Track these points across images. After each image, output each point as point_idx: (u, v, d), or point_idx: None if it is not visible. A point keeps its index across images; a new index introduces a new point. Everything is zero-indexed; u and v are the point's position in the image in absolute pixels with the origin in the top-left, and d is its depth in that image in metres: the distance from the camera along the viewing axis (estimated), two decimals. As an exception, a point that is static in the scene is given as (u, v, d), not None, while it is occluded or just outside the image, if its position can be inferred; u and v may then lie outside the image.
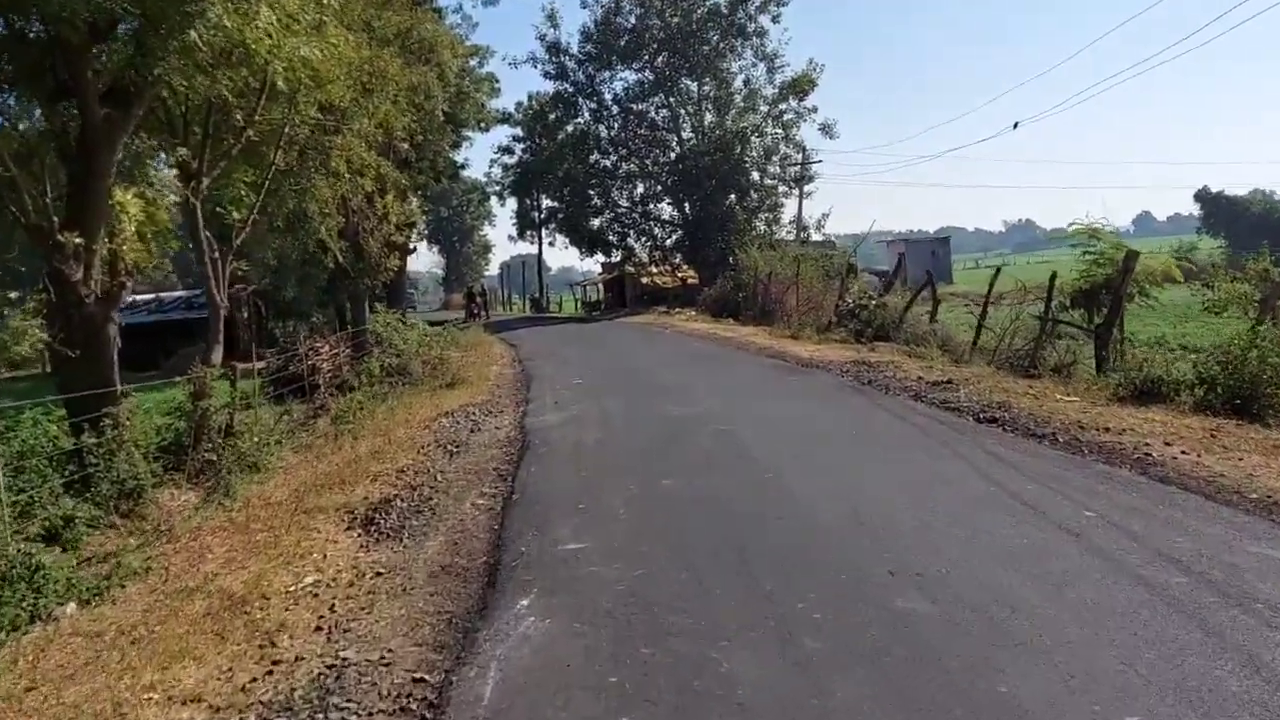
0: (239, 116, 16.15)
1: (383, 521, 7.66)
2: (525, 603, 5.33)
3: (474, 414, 13.58)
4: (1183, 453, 7.76)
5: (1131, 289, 15.94)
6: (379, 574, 6.28)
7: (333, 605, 5.76)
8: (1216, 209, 56.56)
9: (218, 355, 16.34)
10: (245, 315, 43.89)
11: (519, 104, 60.14)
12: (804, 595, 4.95)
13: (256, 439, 11.91)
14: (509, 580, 5.77)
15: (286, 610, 5.79)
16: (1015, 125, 23.60)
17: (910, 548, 5.61)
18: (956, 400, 11.33)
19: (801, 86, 44.36)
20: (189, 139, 16.70)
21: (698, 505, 7.10)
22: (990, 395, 11.47)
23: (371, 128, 22.34)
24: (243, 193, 18.24)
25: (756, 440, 9.48)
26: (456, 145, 42.71)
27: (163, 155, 17.99)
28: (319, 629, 5.39)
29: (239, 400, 20.26)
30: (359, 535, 7.41)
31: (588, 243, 49.23)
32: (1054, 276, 17.04)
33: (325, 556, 6.88)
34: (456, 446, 10.90)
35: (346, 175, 22.72)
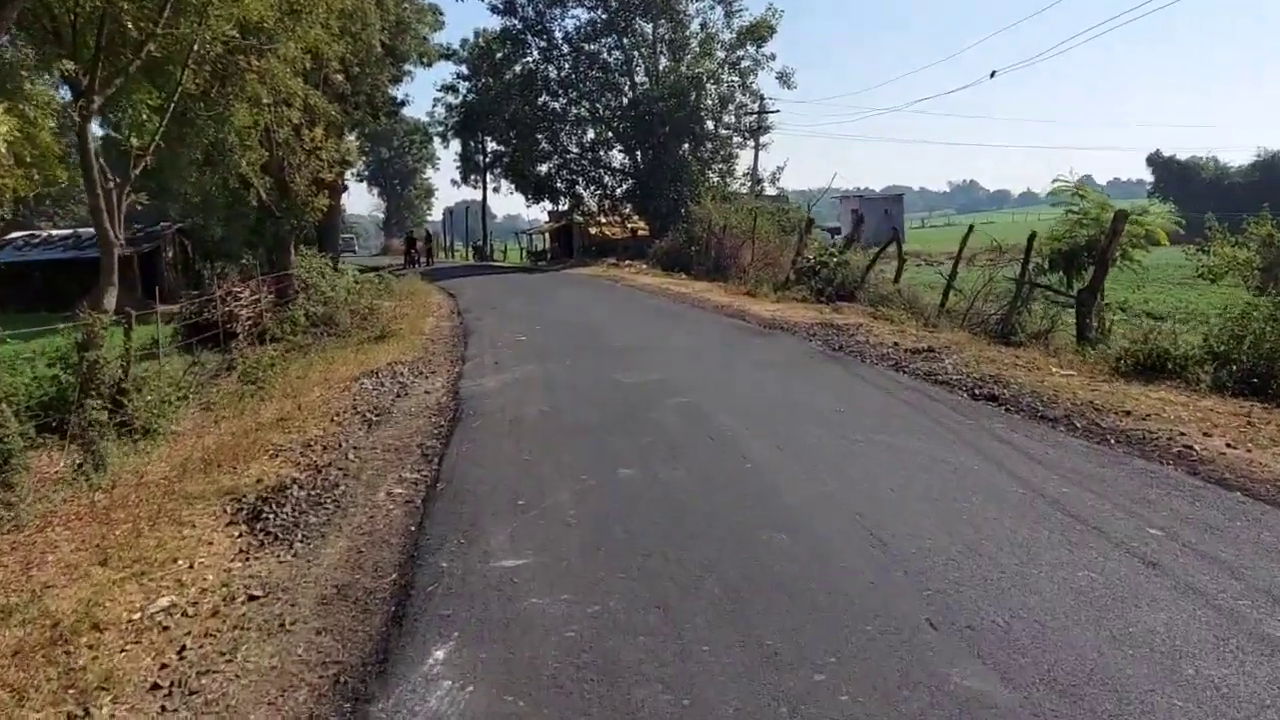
0: (134, 28, 14.17)
1: (273, 516, 6.17)
2: (441, 655, 3.95)
3: (402, 374, 12.06)
4: (1229, 446, 6.63)
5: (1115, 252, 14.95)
6: (254, 597, 4.83)
7: (184, 646, 4.31)
8: (1168, 174, 56.55)
9: (111, 299, 14.50)
10: (170, 255, 41.33)
11: (464, 41, 57.46)
12: (822, 660, 3.65)
13: (150, 397, 10.21)
14: (423, 616, 4.37)
15: (122, 651, 4.32)
16: (992, 74, 22.40)
17: (951, 582, 4.33)
18: (944, 372, 10.15)
19: (760, 32, 42.71)
20: (79, 52, 14.65)
21: (665, 508, 5.76)
22: (979, 367, 10.31)
23: (299, 53, 20.31)
24: (144, 117, 16.22)
25: (728, 418, 8.17)
26: (396, 80, 40.27)
27: (49, 73, 15.92)
28: (155, 687, 3.94)
29: (146, 351, 18.40)
30: (240, 535, 5.92)
31: (534, 189, 47.20)
32: (1033, 237, 15.98)
33: (192, 566, 5.40)
34: (377, 415, 9.40)
35: (270, 104, 20.67)
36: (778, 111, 45.21)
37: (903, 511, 5.44)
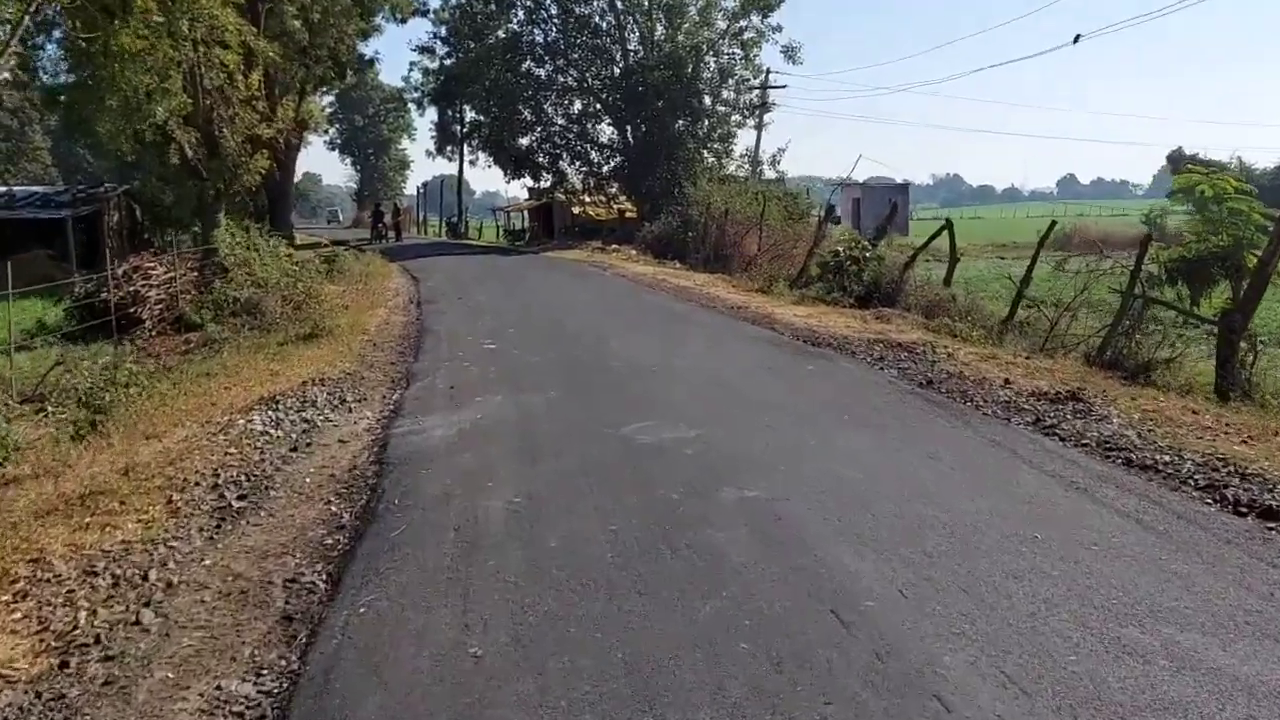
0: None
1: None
2: None
3: (317, 401, 8.45)
4: None
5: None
6: None
7: None
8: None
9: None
10: (115, 220, 37.06)
11: (444, 1, 53.27)
12: None
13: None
14: None
15: None
16: (1076, 39, 18.91)
17: None
18: (1126, 443, 6.67)
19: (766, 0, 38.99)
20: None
21: None
22: (1181, 436, 6.86)
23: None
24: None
25: (852, 555, 4.56)
26: (365, 35, 36.30)
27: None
28: None
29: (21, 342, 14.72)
30: None
31: (514, 163, 43.21)
32: (1148, 239, 12.62)
33: None
34: (246, 493, 5.81)
35: (192, 39, 16.83)
36: (784, 87, 41.53)
37: None
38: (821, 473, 5.95)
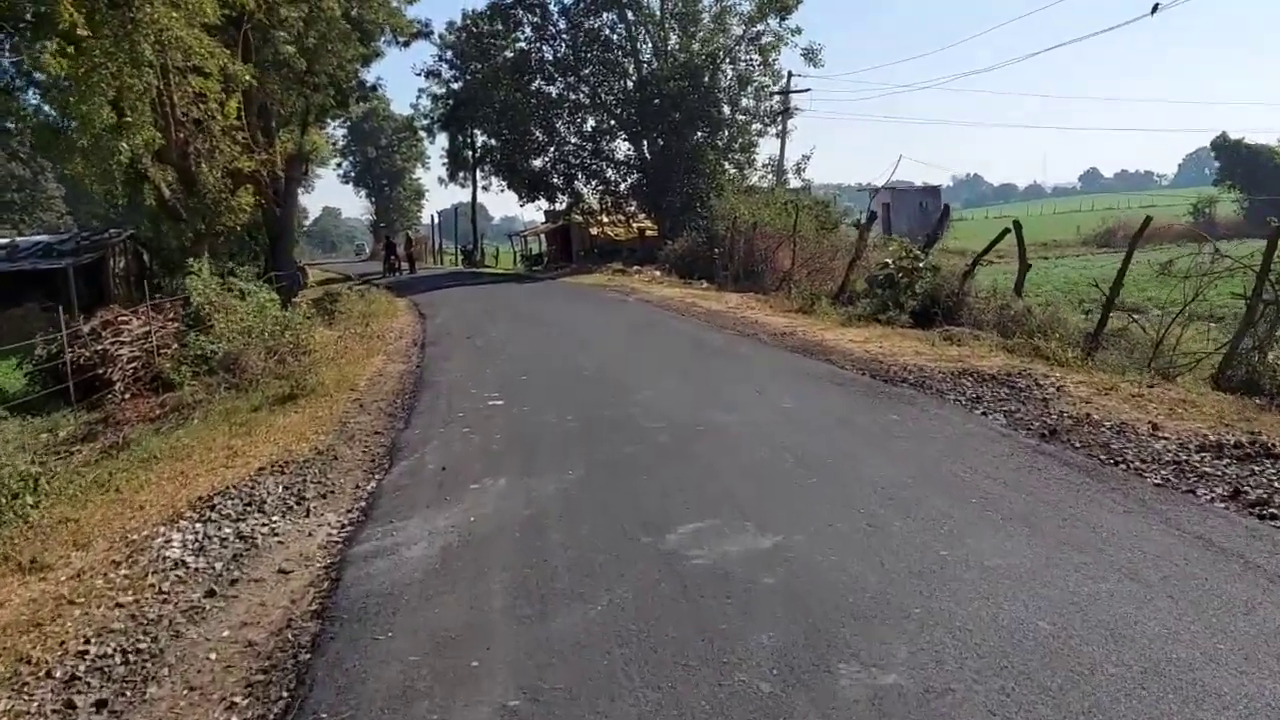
0: None
1: None
2: None
3: (267, 502, 6.51)
4: None
5: None
6: None
7: None
8: (1235, 159, 50.83)
9: None
10: (121, 266, 35.65)
11: (451, 24, 51.89)
12: None
13: None
14: None
15: None
16: (1154, 9, 16.79)
17: None
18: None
19: (784, 2, 37.06)
20: None
21: None
22: None
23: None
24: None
25: None
26: (366, 61, 34.67)
27: None
28: None
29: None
30: None
31: (528, 185, 41.45)
32: (1278, 233, 10.48)
33: None
34: (101, 703, 3.87)
35: (159, 66, 15.12)
36: (807, 91, 39.51)
37: None
38: (983, 622, 3.90)
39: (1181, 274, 11.62)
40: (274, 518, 6.15)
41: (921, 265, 16.65)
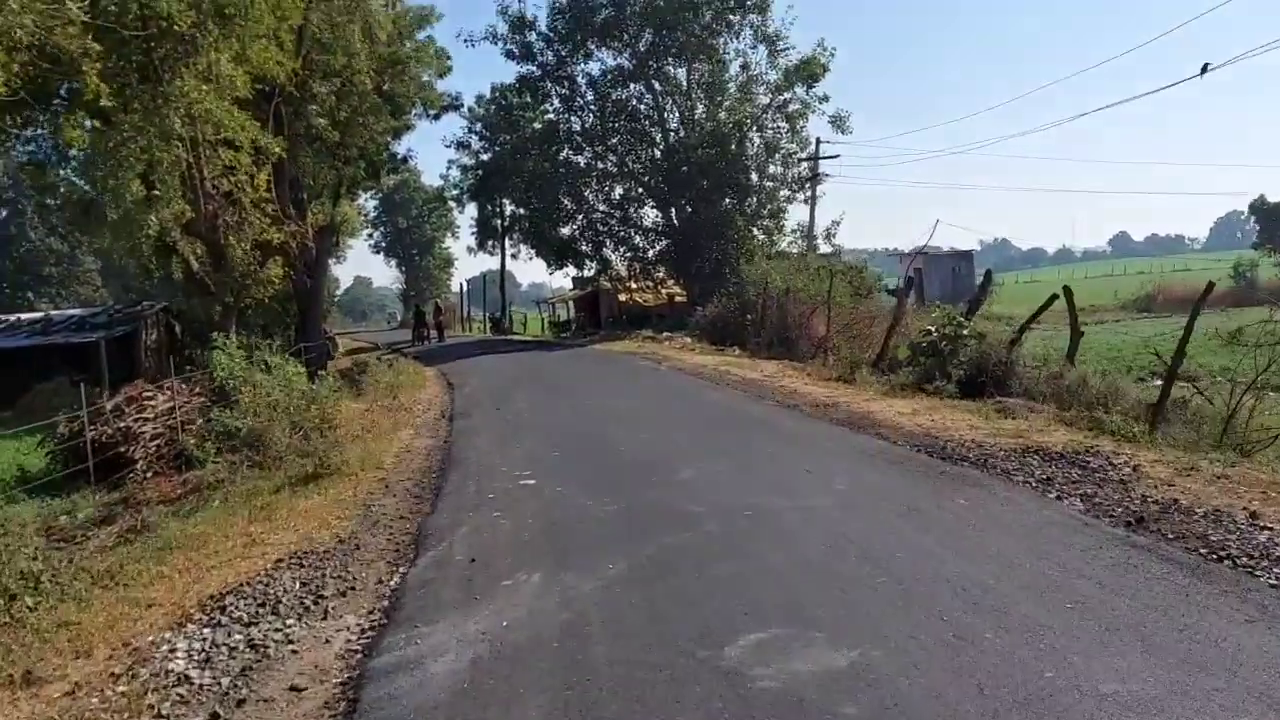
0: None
1: None
2: None
3: (282, 601, 5.99)
4: None
5: None
6: None
7: None
8: (1275, 221, 49.92)
9: None
10: (153, 338, 35.81)
11: (480, 97, 52.74)
12: None
13: None
14: None
15: None
16: (1204, 70, 16.42)
17: None
18: None
19: (810, 70, 37.22)
20: None
21: None
22: None
23: (231, 69, 14.80)
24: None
25: None
26: (397, 133, 35.05)
27: None
28: None
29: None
30: None
31: (556, 253, 41.49)
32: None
33: None
34: None
35: (190, 139, 15.08)
36: (836, 157, 39.37)
37: None
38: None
39: (1252, 341, 10.97)
40: (289, 621, 5.61)
41: (966, 332, 16.06)
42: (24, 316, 40.66)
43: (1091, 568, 5.54)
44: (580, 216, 40.91)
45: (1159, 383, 17.44)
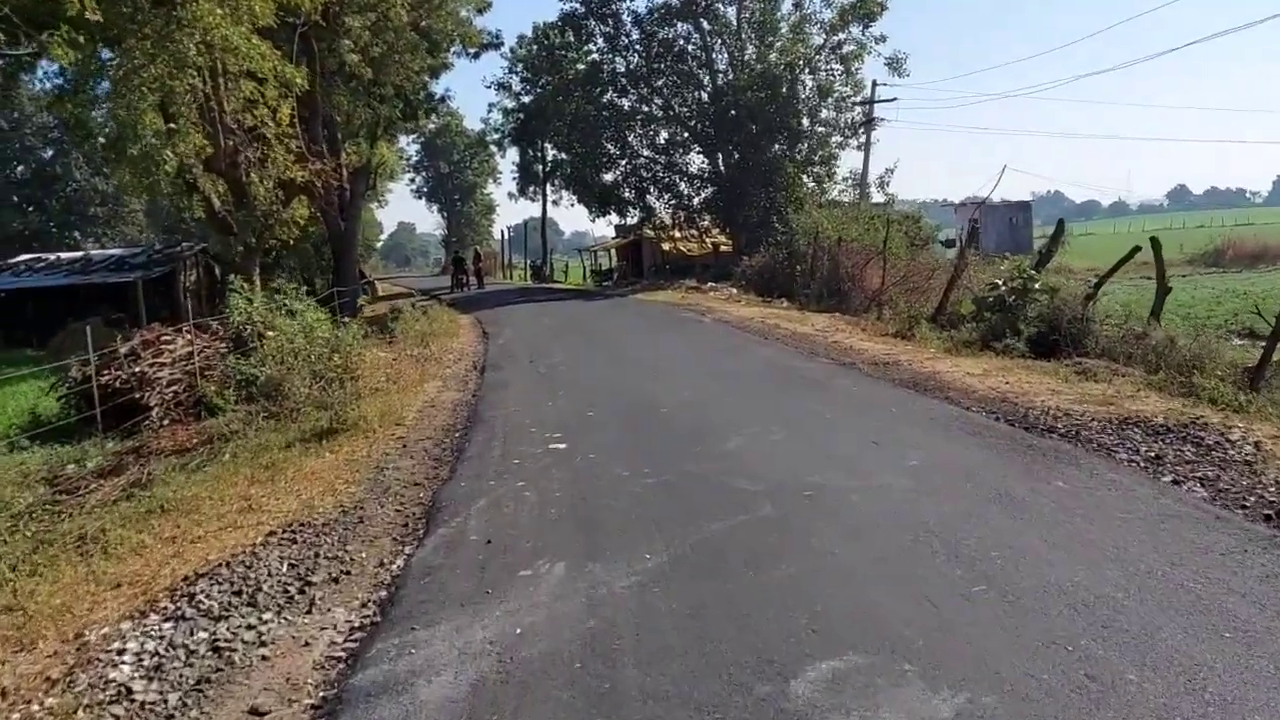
0: None
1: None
2: None
3: (263, 586, 5.15)
4: None
5: None
6: None
7: None
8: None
9: None
10: (193, 279, 35.48)
11: (522, 38, 51.32)
12: None
13: None
14: None
15: None
16: None
17: None
18: None
19: (867, 8, 35.26)
20: None
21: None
22: None
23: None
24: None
25: None
26: (434, 72, 33.91)
27: None
28: None
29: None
30: None
31: (598, 200, 40.20)
32: None
33: None
34: None
35: (205, 66, 14.15)
36: (893, 100, 37.46)
37: None
38: None
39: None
40: (265, 615, 4.75)
41: (1037, 286, 14.77)
42: (64, 256, 40.63)
43: (1241, 580, 4.46)
44: (624, 162, 39.55)
45: (1239, 341, 16.08)
